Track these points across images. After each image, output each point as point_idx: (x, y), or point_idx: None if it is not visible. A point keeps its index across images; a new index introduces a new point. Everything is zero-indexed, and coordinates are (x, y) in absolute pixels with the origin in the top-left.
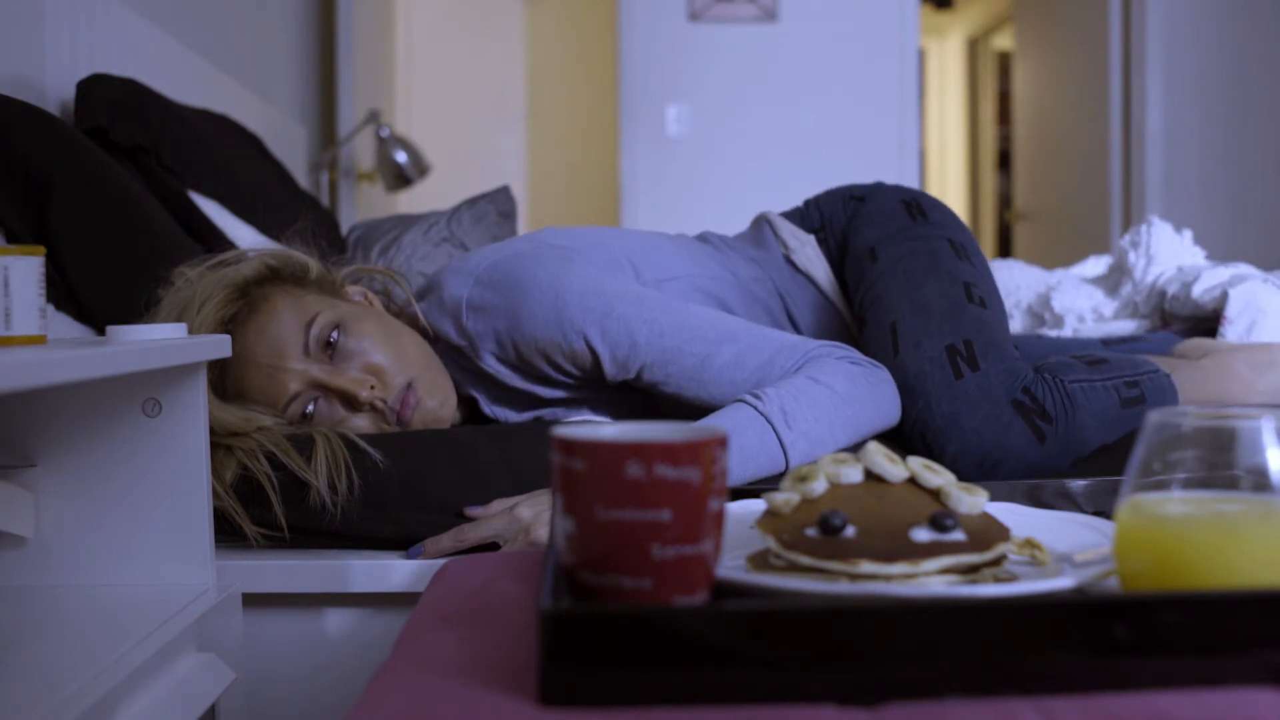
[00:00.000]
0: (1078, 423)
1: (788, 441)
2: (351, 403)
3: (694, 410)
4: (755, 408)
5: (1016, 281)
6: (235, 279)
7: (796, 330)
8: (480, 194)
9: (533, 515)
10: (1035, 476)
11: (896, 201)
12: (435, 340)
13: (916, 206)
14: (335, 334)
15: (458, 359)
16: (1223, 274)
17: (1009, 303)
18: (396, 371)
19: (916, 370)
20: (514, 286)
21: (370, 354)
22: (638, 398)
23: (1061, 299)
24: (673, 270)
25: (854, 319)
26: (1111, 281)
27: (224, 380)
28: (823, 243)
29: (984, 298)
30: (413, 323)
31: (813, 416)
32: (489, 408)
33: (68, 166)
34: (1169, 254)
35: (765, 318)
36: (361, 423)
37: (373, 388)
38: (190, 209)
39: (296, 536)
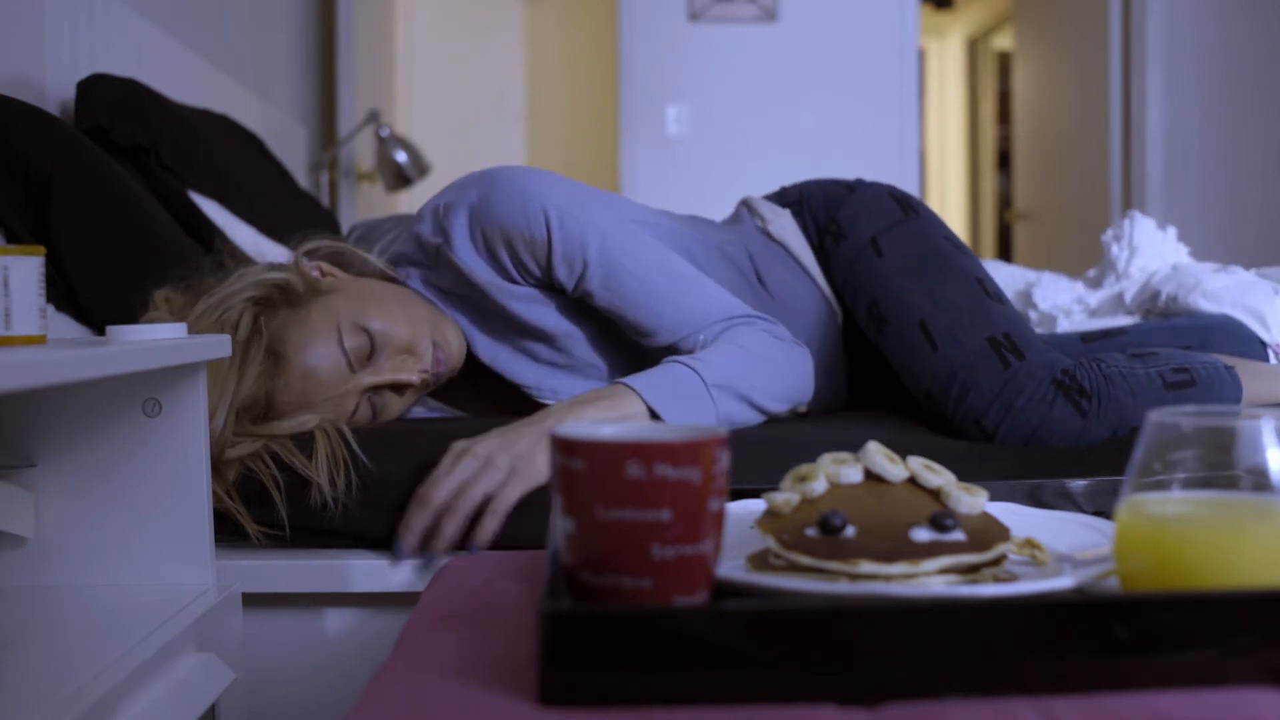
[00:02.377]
0: (1113, 397)
1: (697, 366)
2: (404, 388)
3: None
4: (672, 359)
5: (999, 282)
6: (241, 334)
7: (765, 289)
8: None
9: (489, 450)
10: (1081, 447)
11: (885, 194)
12: (408, 270)
13: (905, 201)
14: (364, 335)
15: (435, 280)
16: (1224, 280)
17: None
18: (419, 338)
19: (963, 362)
20: (486, 178)
21: (392, 335)
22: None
23: (1044, 295)
24: (640, 216)
25: (836, 296)
26: (1095, 278)
27: (269, 410)
28: (798, 215)
29: (997, 293)
30: (380, 276)
31: (724, 362)
32: (475, 341)
33: (68, 167)
34: (1152, 247)
35: (732, 271)
36: (408, 397)
37: (414, 366)
38: (190, 209)
39: (298, 534)
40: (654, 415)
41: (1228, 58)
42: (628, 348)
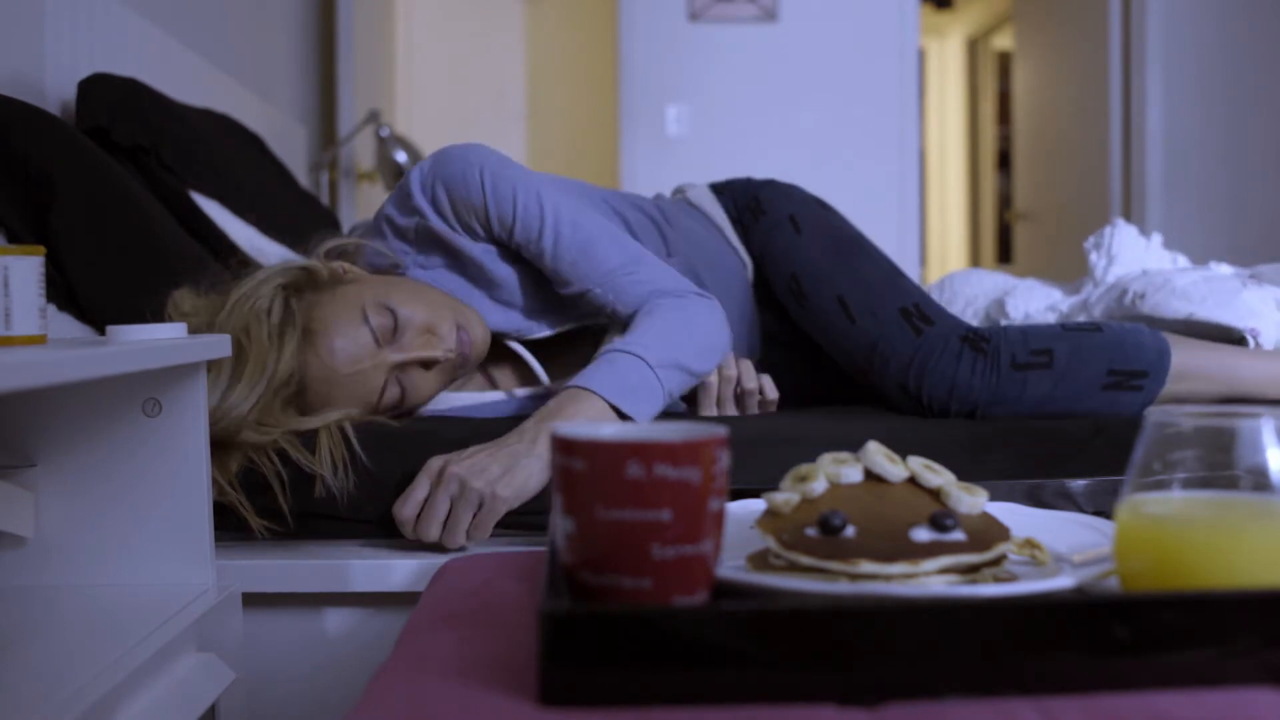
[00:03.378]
0: (1008, 338)
1: (637, 350)
2: (430, 364)
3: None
4: (613, 348)
5: (974, 292)
6: (275, 317)
7: (674, 231)
8: None
9: (464, 474)
10: (992, 394)
11: (802, 190)
12: (405, 267)
13: (819, 200)
14: (388, 315)
15: (425, 263)
16: (1193, 276)
17: (966, 311)
18: (440, 320)
19: (880, 334)
20: (435, 154)
21: (415, 316)
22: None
23: (1016, 304)
24: (564, 187)
25: (752, 257)
26: (1075, 285)
27: (300, 399)
28: (719, 192)
29: (902, 272)
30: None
31: (656, 340)
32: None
33: (68, 167)
34: (1132, 256)
35: (643, 217)
36: (434, 378)
37: (438, 344)
38: (191, 209)
39: (301, 523)
40: (617, 411)
41: (1228, 58)
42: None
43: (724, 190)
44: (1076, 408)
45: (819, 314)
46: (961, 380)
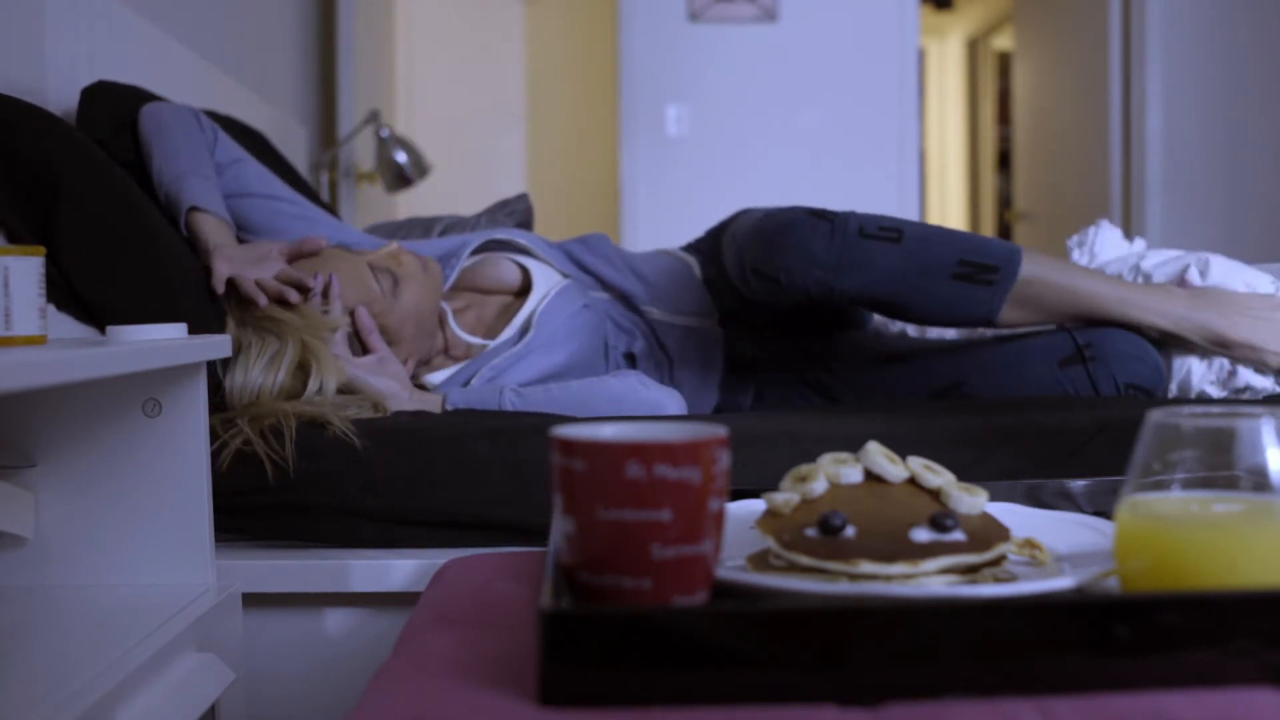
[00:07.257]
0: (859, 214)
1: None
2: (396, 254)
3: None
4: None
5: None
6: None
7: (628, 264)
8: (499, 202)
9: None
10: (837, 258)
11: None
12: None
13: None
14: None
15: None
16: (1164, 254)
17: None
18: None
19: (745, 228)
20: None
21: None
22: None
23: None
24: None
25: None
26: None
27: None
28: (703, 243)
29: None
30: None
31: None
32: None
33: (74, 169)
34: (1113, 254)
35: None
36: (410, 267)
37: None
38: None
39: (305, 473)
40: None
41: (1228, 58)
42: None
43: (699, 240)
44: (927, 295)
45: (747, 236)
46: (802, 243)
